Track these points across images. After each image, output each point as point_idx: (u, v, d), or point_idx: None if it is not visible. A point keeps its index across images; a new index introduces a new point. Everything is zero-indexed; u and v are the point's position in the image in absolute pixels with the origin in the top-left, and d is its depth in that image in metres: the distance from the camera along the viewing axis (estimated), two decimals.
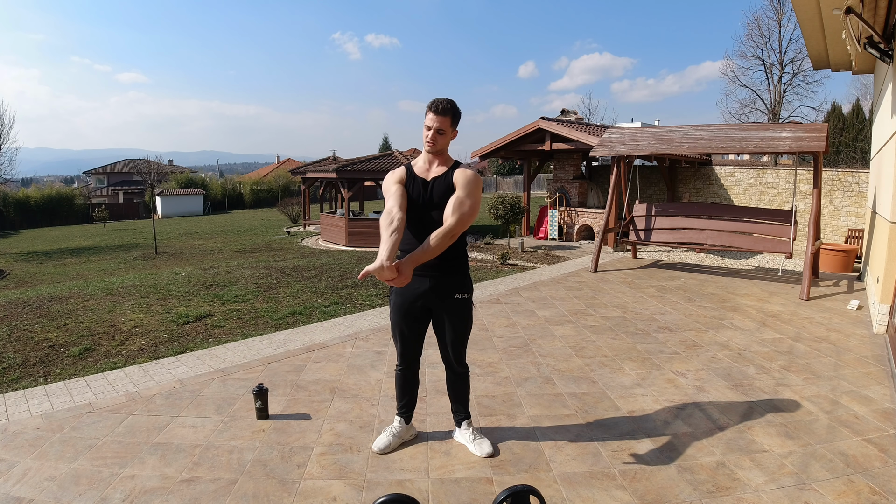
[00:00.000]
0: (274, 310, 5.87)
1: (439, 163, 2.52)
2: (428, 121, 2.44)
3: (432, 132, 2.44)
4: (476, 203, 2.40)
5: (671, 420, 3.09)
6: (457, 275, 2.54)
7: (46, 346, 4.68)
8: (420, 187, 2.48)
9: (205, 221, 28.27)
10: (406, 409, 2.78)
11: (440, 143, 2.46)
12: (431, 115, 2.42)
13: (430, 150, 2.48)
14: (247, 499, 2.33)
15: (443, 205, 2.40)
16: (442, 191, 2.44)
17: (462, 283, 2.56)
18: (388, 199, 2.42)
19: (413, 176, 2.51)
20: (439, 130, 2.44)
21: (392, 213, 2.29)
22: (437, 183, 2.47)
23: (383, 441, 2.72)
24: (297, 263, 9.56)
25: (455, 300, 2.54)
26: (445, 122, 2.43)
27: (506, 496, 2.03)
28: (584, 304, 5.83)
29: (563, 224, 12.39)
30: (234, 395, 3.40)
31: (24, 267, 14.12)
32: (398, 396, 2.78)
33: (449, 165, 2.51)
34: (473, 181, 2.43)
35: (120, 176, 42.78)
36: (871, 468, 2.57)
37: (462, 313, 2.58)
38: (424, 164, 2.53)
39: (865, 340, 4.64)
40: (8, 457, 2.66)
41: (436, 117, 2.42)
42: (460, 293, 2.55)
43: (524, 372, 3.82)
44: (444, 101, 2.44)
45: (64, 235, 23.68)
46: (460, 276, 2.56)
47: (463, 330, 2.61)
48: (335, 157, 22.60)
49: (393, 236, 2.18)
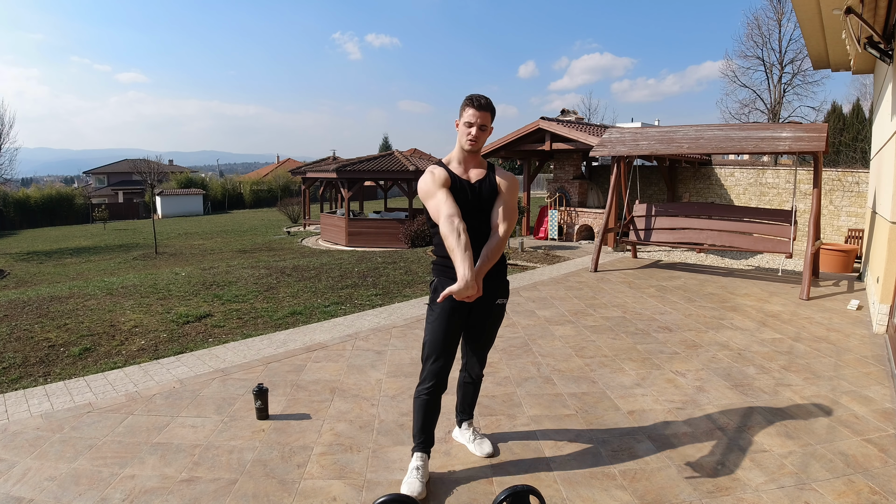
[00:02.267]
0: (274, 310, 5.87)
1: (475, 163, 2.40)
2: (469, 117, 2.29)
3: (475, 129, 2.30)
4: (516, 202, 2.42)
5: (671, 420, 3.09)
6: (500, 279, 2.48)
7: (46, 346, 4.68)
8: (468, 191, 2.34)
9: (205, 221, 28.27)
10: (427, 444, 2.45)
11: (482, 141, 2.33)
12: (473, 111, 2.28)
13: (473, 149, 2.34)
14: (247, 499, 2.33)
15: (489, 208, 2.34)
16: (488, 194, 2.35)
17: (504, 289, 2.52)
18: (439, 205, 2.21)
19: (456, 178, 2.35)
20: (482, 127, 2.30)
21: (455, 224, 2.11)
22: (484, 186, 2.37)
23: (417, 487, 2.32)
24: (297, 263, 9.56)
25: (496, 305, 2.49)
26: (487, 117, 2.30)
27: (506, 496, 2.03)
28: (584, 304, 5.83)
29: (563, 224, 12.39)
30: (234, 395, 3.40)
31: (24, 267, 14.13)
32: (423, 427, 2.43)
33: (485, 165, 2.43)
34: (516, 185, 2.41)
35: (120, 176, 42.80)
36: (871, 468, 2.57)
37: (498, 319, 2.53)
38: (460, 165, 2.39)
39: (865, 340, 4.64)
40: (8, 457, 2.66)
41: (478, 113, 2.28)
42: (501, 299, 2.50)
43: (524, 372, 3.82)
44: (483, 97, 2.31)
45: (64, 235, 23.69)
46: (502, 280, 2.50)
47: (493, 335, 2.58)
48: (335, 157, 22.61)
49: (469, 250, 2.05)
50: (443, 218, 2.15)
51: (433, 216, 2.26)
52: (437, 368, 2.37)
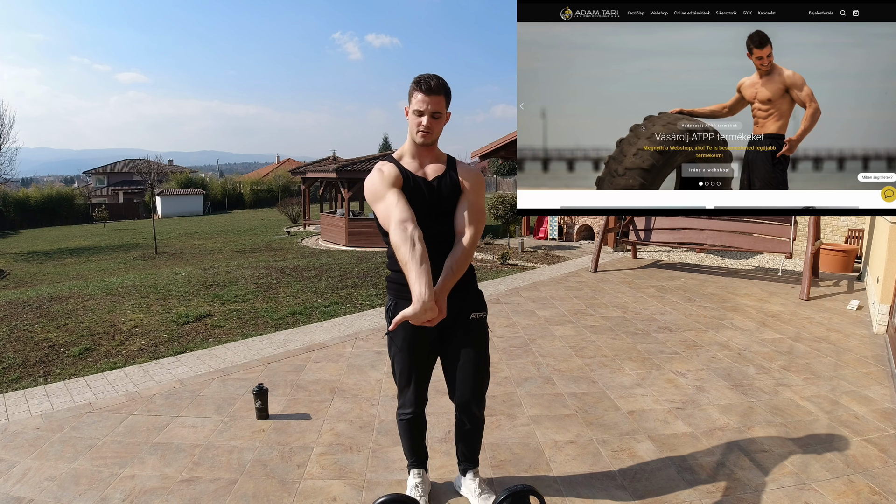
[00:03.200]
0: (274, 310, 5.87)
1: (432, 157, 2.05)
2: (417, 104, 1.91)
3: (426, 118, 1.92)
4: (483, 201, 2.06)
5: (671, 420, 3.09)
6: (470, 290, 2.11)
7: (46, 346, 4.68)
8: (424, 190, 1.99)
9: (205, 221, 28.28)
10: (421, 460, 2.35)
11: (437, 131, 1.97)
12: (421, 97, 1.89)
13: (426, 142, 1.97)
14: (247, 499, 2.33)
15: (451, 209, 2.00)
16: (449, 192, 2.01)
17: (477, 301, 2.13)
18: (389, 208, 1.86)
19: (410, 176, 2.00)
20: (435, 114, 1.92)
21: (408, 231, 1.75)
22: (444, 183, 2.02)
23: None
24: (297, 263, 9.57)
25: (471, 321, 2.09)
26: (440, 102, 1.92)
27: (506, 496, 2.03)
28: (584, 304, 5.83)
29: (563, 224, 12.39)
30: (234, 395, 3.40)
31: (24, 267, 14.13)
32: (411, 448, 2.30)
33: (443, 159, 2.07)
34: (482, 182, 2.07)
35: (120, 176, 42.79)
36: (871, 468, 2.57)
37: (481, 337, 2.13)
38: (415, 160, 2.03)
39: (865, 340, 4.64)
40: (8, 457, 2.66)
41: (428, 98, 1.89)
42: (476, 312, 2.10)
43: (524, 372, 3.82)
44: (433, 77, 1.91)
45: (64, 235, 23.69)
46: (473, 290, 2.12)
47: (484, 359, 2.14)
48: (335, 157, 22.61)
49: (424, 265, 1.69)
50: (393, 224, 1.79)
51: (382, 222, 1.89)
52: (414, 397, 2.18)
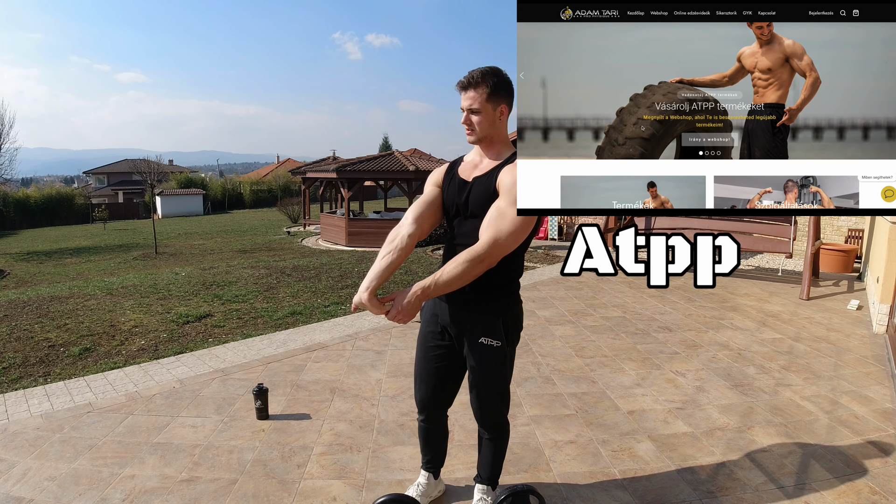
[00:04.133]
0: (274, 310, 5.87)
1: (492, 155, 1.90)
2: (462, 103, 1.85)
3: (465, 115, 1.84)
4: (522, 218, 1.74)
5: (671, 420, 3.09)
6: (487, 312, 1.89)
7: (46, 346, 4.68)
8: (456, 190, 1.90)
9: (205, 221, 28.28)
10: (432, 464, 2.30)
11: (481, 127, 1.84)
12: (461, 94, 1.84)
13: (471, 139, 1.89)
14: (247, 499, 2.33)
15: (480, 213, 1.83)
16: (479, 196, 1.85)
17: (490, 326, 1.89)
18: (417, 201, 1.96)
19: (453, 175, 1.94)
20: (473, 109, 1.82)
21: (398, 228, 1.78)
22: (478, 184, 1.87)
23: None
24: (297, 263, 9.57)
25: (479, 345, 1.91)
26: (477, 96, 1.80)
27: (506, 496, 2.03)
28: (583, 304, 5.83)
29: (563, 224, 12.39)
30: (234, 395, 3.40)
31: (24, 267, 14.13)
32: (421, 449, 2.30)
33: (502, 158, 1.88)
34: None
35: (120, 176, 42.80)
36: (871, 468, 2.57)
37: (486, 365, 1.93)
38: (474, 158, 1.95)
39: (865, 340, 4.64)
40: (8, 457, 2.66)
41: (464, 94, 1.82)
42: (486, 338, 1.90)
43: (524, 372, 3.82)
44: (471, 73, 1.82)
45: (64, 235, 23.70)
46: (491, 314, 1.89)
47: (488, 388, 1.98)
48: (335, 157, 22.62)
49: (386, 258, 1.72)
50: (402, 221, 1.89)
51: None
52: (420, 398, 2.13)
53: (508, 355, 1.97)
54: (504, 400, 2.05)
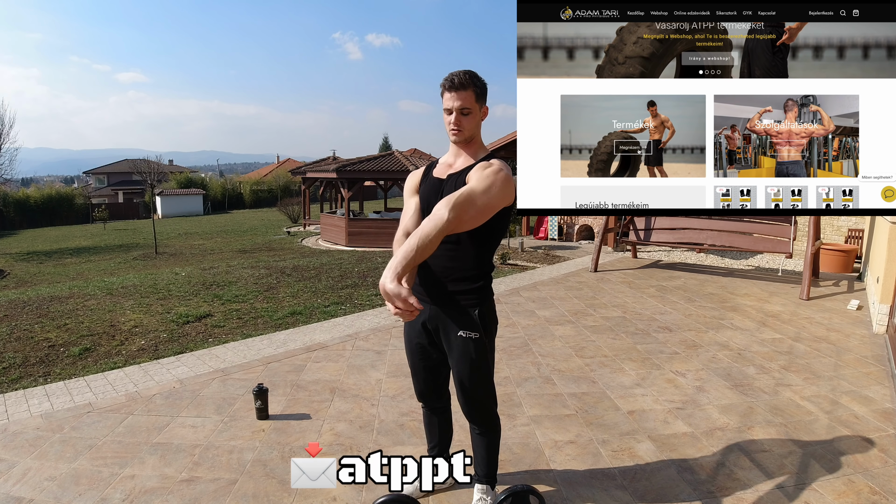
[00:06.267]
0: (274, 310, 5.87)
1: (469, 154, 1.95)
2: (446, 101, 1.87)
3: (455, 115, 1.87)
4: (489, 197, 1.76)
5: (671, 420, 3.09)
6: (463, 306, 1.96)
7: (46, 346, 4.68)
8: (430, 188, 1.95)
9: (205, 221, 28.28)
10: (436, 450, 2.35)
11: (468, 128, 1.90)
12: (449, 95, 1.86)
13: (459, 139, 1.92)
14: (247, 499, 2.33)
15: None
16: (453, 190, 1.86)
17: (466, 319, 1.95)
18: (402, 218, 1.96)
19: (428, 175, 2.00)
20: (463, 110, 1.87)
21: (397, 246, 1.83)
22: (451, 182, 1.91)
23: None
24: (297, 263, 9.57)
25: (459, 339, 1.96)
26: (468, 97, 1.86)
27: (506, 496, 2.03)
28: (584, 304, 5.83)
29: (563, 224, 12.39)
30: (234, 395, 3.40)
31: (24, 267, 14.13)
32: (427, 436, 2.38)
33: (477, 158, 1.94)
34: (492, 174, 1.80)
35: (120, 176, 42.79)
36: (871, 468, 2.57)
37: (466, 358, 1.97)
38: (448, 159, 2.00)
39: (865, 340, 4.64)
40: (8, 457, 2.66)
41: (455, 94, 1.85)
42: (465, 331, 1.95)
43: (524, 372, 3.82)
44: (460, 73, 1.86)
45: (64, 235, 23.70)
46: (467, 307, 1.96)
47: (471, 380, 2.00)
48: (335, 157, 22.61)
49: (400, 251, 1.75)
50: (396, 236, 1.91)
51: None
52: (416, 389, 2.23)
53: (488, 347, 2.04)
54: (489, 392, 2.08)
